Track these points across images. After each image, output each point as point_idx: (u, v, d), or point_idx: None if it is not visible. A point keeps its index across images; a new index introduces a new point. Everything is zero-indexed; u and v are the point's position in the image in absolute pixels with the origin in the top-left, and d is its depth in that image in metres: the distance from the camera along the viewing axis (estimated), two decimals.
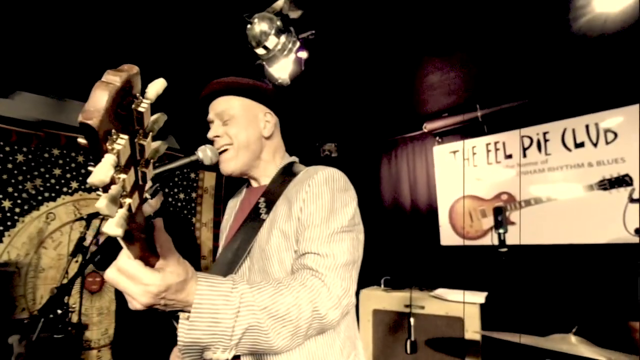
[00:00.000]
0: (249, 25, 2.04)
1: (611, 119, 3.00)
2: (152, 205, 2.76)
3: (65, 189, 3.35)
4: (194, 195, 4.24)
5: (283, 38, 2.06)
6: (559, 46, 2.65)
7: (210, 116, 1.24)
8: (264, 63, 2.18)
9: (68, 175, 3.38)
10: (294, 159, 1.34)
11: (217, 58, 2.68)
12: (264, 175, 1.28)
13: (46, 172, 3.27)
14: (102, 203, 0.44)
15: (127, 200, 0.50)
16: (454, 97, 3.50)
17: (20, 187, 3.14)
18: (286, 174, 1.23)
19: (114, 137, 0.45)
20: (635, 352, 1.75)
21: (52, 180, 3.30)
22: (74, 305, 2.67)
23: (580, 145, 3.13)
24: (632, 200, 1.57)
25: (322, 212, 1.05)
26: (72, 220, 3.28)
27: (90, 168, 0.44)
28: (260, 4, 2.04)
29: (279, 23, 2.03)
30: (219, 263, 1.15)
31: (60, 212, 3.29)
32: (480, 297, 2.67)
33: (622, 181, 2.67)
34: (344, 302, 0.97)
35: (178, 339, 0.75)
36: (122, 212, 0.48)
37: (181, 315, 0.76)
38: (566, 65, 2.90)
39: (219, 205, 4.34)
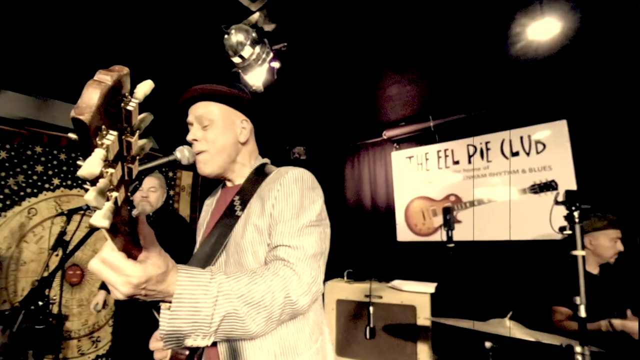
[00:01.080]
0: (226, 36, 2.01)
1: (541, 132, 3.13)
2: (151, 202, 2.67)
3: (47, 185, 3.21)
4: (171, 192, 4.16)
5: (258, 48, 2.04)
6: (498, 67, 2.74)
7: (190, 119, 1.20)
8: (240, 71, 2.14)
9: (50, 172, 3.24)
10: (266, 160, 1.33)
11: (196, 64, 2.63)
12: (239, 176, 1.26)
13: (28, 169, 3.12)
14: (90, 195, 0.44)
15: (114, 194, 0.48)
16: (410, 108, 3.56)
17: (2, 183, 2.98)
18: (259, 174, 1.22)
19: (104, 132, 0.44)
20: (557, 332, 1.82)
21: (34, 177, 3.15)
22: (54, 297, 2.54)
23: (516, 154, 3.24)
24: (557, 202, 1.64)
25: (293, 209, 1.05)
26: (53, 216, 3.14)
27: (79, 162, 0.44)
28: (237, 16, 2.02)
29: (254, 34, 2.01)
30: (197, 257, 1.13)
31: (41, 208, 3.15)
32: (430, 287, 2.70)
33: (549, 186, 2.76)
34: (313, 289, 0.97)
35: (160, 327, 0.74)
36: (109, 204, 0.47)
37: (162, 305, 0.75)
38: (505, 84, 3.00)
39: (195, 203, 4.28)
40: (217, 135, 1.18)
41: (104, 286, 2.77)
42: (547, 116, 3.11)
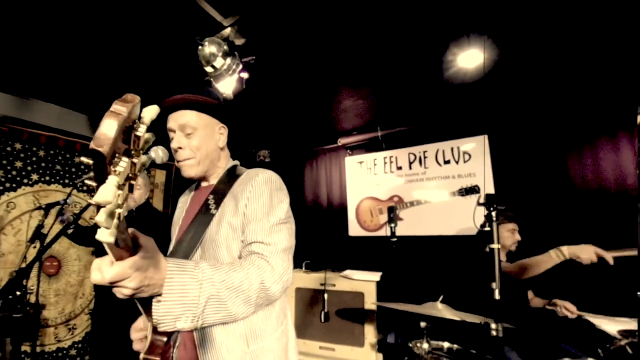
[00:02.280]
0: (200, 47, 1.96)
1: (467, 144, 3.27)
2: (135, 199, 2.54)
3: (25, 180, 2.92)
4: None
5: (228, 60, 2.00)
6: (434, 88, 2.83)
7: (172, 126, 1.14)
8: (212, 79, 2.09)
9: (29, 168, 2.95)
10: (236, 162, 1.30)
11: (172, 71, 2.53)
12: (214, 177, 1.23)
13: (8, 164, 2.82)
14: (101, 217, 0.44)
15: (118, 211, 0.48)
16: (361, 120, 3.59)
17: None
18: (231, 175, 1.20)
19: (117, 160, 0.44)
20: (480, 313, 1.86)
21: (14, 172, 2.85)
22: (32, 287, 2.36)
23: (448, 162, 3.36)
24: (479, 204, 1.71)
25: (264, 208, 1.06)
26: (32, 209, 2.88)
27: (88, 182, 0.44)
28: (211, 30, 1.98)
29: (225, 47, 1.97)
30: (175, 251, 1.10)
31: (20, 202, 2.87)
32: (376, 276, 2.72)
33: (473, 190, 2.82)
34: (284, 278, 0.98)
35: (153, 311, 0.73)
36: (115, 222, 0.47)
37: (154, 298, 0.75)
38: (439, 102, 3.10)
39: (167, 199, 4.09)
40: (201, 143, 1.15)
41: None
42: (472, 131, 3.25)
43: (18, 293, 1.98)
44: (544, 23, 2.09)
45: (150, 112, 0.53)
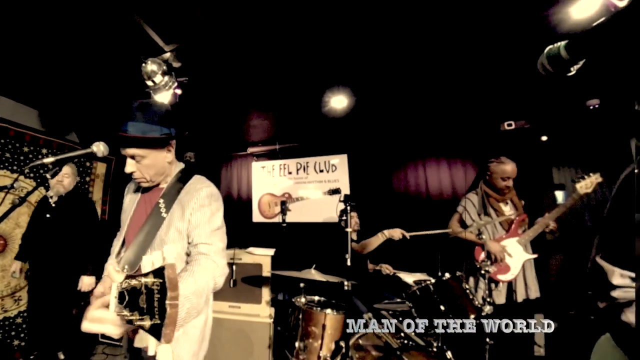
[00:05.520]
0: (143, 64, 1.77)
1: (334, 159, 3.46)
2: (65, 186, 2.19)
3: None
4: (87, 179, 3.29)
5: (166, 78, 1.83)
6: (315, 119, 2.90)
7: (125, 152, 0.99)
8: (151, 92, 1.88)
9: None
10: (182, 165, 1.15)
11: (119, 82, 2.17)
12: (164, 181, 1.10)
13: None
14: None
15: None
16: (266, 135, 3.55)
17: None
18: (179, 181, 1.09)
19: None
20: (338, 275, 1.87)
21: None
22: None
23: (322, 171, 3.52)
24: (340, 201, 1.87)
25: (206, 217, 1.01)
26: None
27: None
28: (154, 52, 1.79)
29: (164, 67, 1.81)
30: (134, 246, 0.99)
31: None
32: (271, 251, 2.60)
33: (337, 191, 2.67)
34: (225, 271, 0.95)
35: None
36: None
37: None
38: (318, 128, 3.23)
39: (107, 188, 3.51)
40: (150, 166, 1.02)
41: (18, 257, 2.23)
42: (338, 150, 3.44)
43: None
44: (384, 86, 2.39)
45: None
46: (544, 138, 2.88)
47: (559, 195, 2.94)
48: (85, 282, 2.18)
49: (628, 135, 2.77)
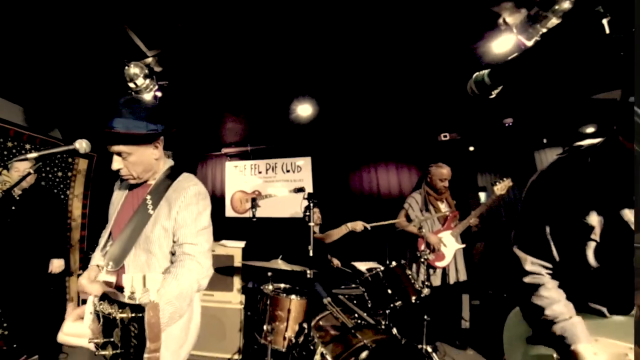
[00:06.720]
0: (126, 67, 1.69)
1: (300, 161, 3.46)
2: (27, 181, 2.00)
3: None
4: (69, 174, 2.97)
5: (147, 81, 1.75)
6: (284, 125, 2.83)
7: (111, 149, 0.87)
8: (133, 93, 1.76)
9: None
10: (171, 162, 1.03)
11: (102, 82, 1.99)
12: (152, 178, 0.97)
13: None
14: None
15: None
16: (239, 137, 3.47)
17: None
18: (168, 177, 0.97)
19: None
20: (302, 264, 1.81)
21: None
22: None
23: (288, 171, 3.49)
24: (304, 198, 1.84)
25: (193, 216, 0.89)
26: None
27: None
28: (137, 56, 1.70)
29: (146, 71, 1.73)
30: (117, 244, 0.89)
31: None
32: (242, 244, 2.51)
33: (302, 190, 2.77)
34: (209, 273, 0.87)
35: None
36: None
37: None
38: (285, 133, 3.20)
39: (88, 184, 3.20)
40: (136, 163, 0.90)
41: None
42: (303, 153, 3.43)
43: None
44: (345, 99, 2.43)
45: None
46: (471, 148, 3.17)
47: (482, 195, 3.27)
48: (55, 265, 2.10)
49: (533, 148, 3.17)
